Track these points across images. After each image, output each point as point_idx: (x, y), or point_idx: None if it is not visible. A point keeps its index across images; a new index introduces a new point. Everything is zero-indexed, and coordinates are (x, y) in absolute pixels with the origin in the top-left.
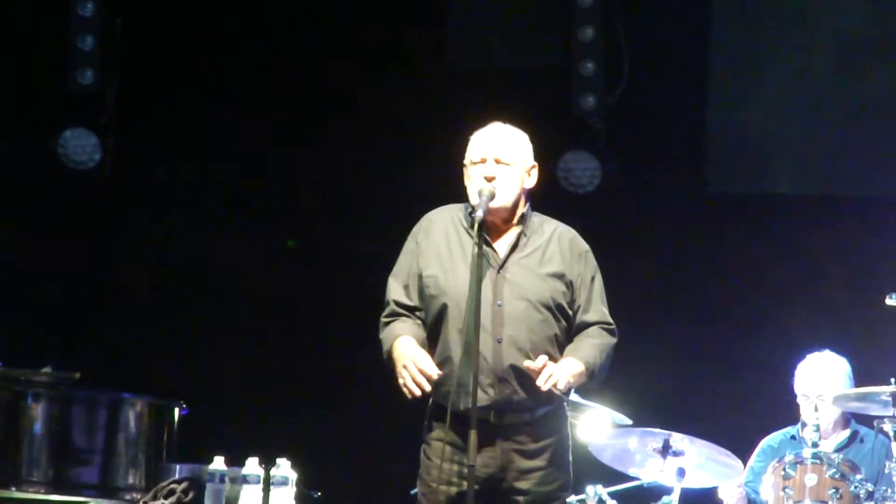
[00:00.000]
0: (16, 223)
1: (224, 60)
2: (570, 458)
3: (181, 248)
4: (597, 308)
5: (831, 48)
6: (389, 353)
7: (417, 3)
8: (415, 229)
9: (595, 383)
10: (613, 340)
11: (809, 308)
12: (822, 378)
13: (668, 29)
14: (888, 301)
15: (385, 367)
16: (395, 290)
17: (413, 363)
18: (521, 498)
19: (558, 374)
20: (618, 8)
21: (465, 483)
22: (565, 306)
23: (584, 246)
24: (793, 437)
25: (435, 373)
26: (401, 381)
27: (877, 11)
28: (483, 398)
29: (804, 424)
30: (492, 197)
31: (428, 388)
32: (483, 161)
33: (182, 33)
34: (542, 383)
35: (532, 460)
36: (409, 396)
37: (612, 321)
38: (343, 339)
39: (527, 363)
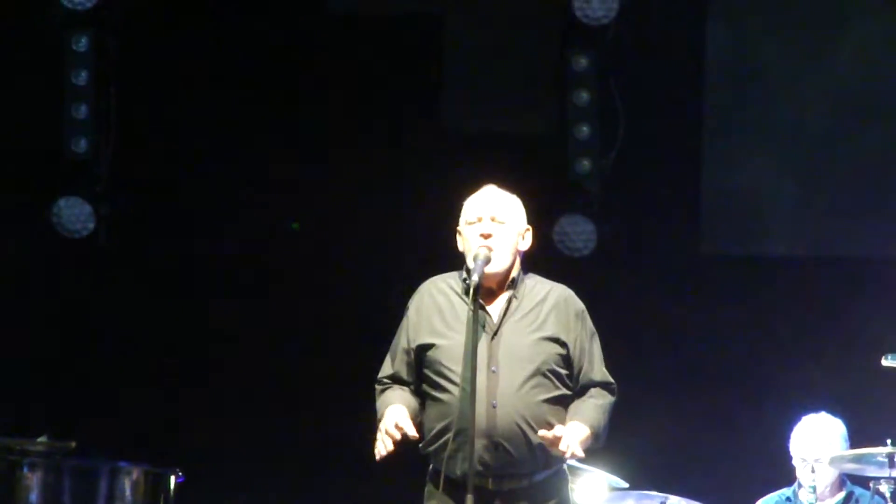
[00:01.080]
0: (10, 292)
1: (217, 129)
2: None
3: (176, 316)
4: (599, 368)
5: (825, 109)
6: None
7: (412, 65)
8: (409, 302)
9: (598, 445)
10: (614, 400)
11: (806, 369)
12: (818, 441)
13: (662, 92)
14: (884, 362)
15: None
16: (387, 365)
17: (385, 422)
18: None
19: (573, 443)
20: (612, 72)
21: None
22: (561, 370)
23: (580, 305)
24: (788, 500)
25: (410, 430)
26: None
27: (870, 72)
28: (479, 464)
29: (800, 486)
30: (487, 261)
31: (392, 445)
32: (479, 220)
33: (176, 101)
34: (567, 453)
35: None
36: (378, 456)
37: (613, 381)
38: (338, 409)
39: (542, 433)
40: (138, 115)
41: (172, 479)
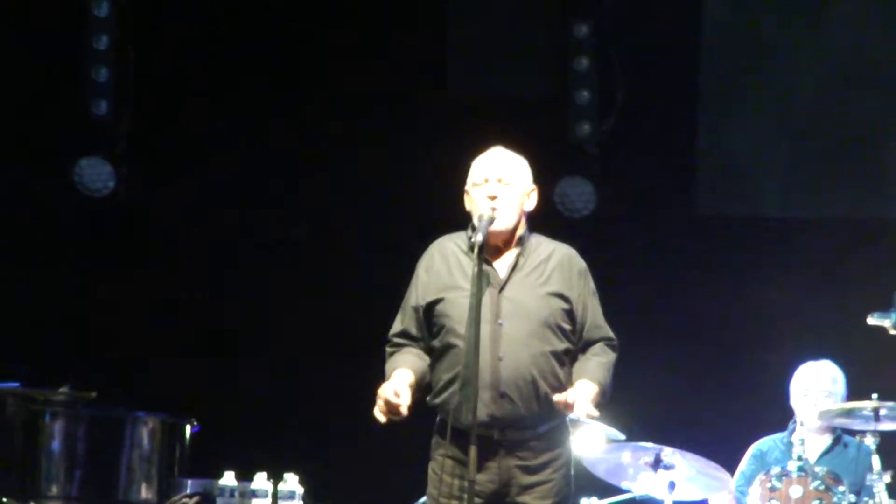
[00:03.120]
0: (34, 248)
1: (231, 91)
2: (573, 473)
3: (191, 270)
4: (601, 324)
5: (815, 75)
6: None
7: (418, 31)
8: (420, 261)
9: (605, 401)
10: (616, 356)
11: (796, 326)
12: (823, 376)
13: (660, 58)
14: (870, 321)
15: None
16: (398, 322)
17: (384, 389)
18: None
19: (586, 405)
20: (612, 39)
21: (467, 494)
22: (565, 325)
23: (582, 264)
24: (783, 440)
25: (404, 398)
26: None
27: (858, 40)
28: (485, 415)
29: (794, 428)
30: (491, 221)
31: (398, 415)
32: (486, 181)
33: (193, 64)
34: (581, 416)
35: (534, 475)
36: (384, 419)
37: (614, 336)
38: (348, 354)
39: (556, 397)
40: (156, 78)
41: (188, 428)
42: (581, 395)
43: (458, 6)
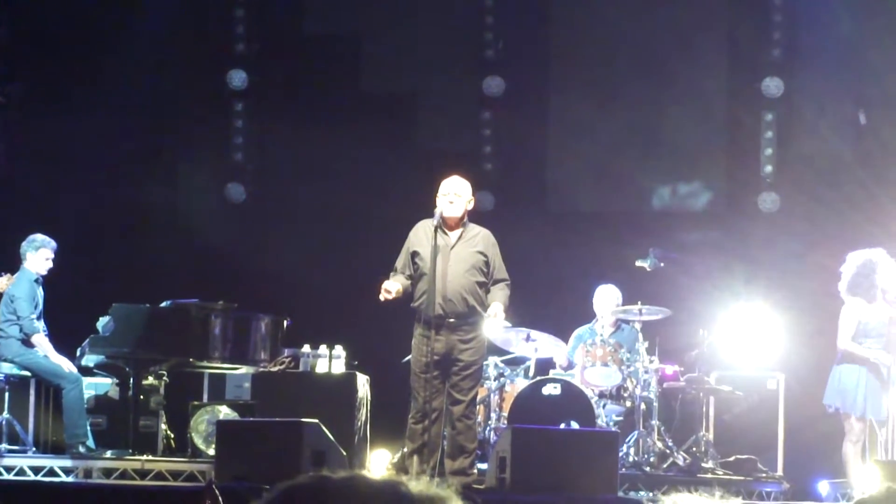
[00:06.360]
0: (189, 237)
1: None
2: (485, 343)
3: (304, 242)
4: (503, 270)
5: (620, 110)
6: None
7: (403, 127)
8: (411, 231)
9: (506, 310)
10: (510, 289)
11: (603, 266)
12: (607, 299)
13: (527, 132)
14: (637, 263)
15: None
16: (398, 261)
17: (384, 284)
18: (460, 363)
19: (501, 317)
20: (501, 123)
21: (430, 354)
22: (484, 269)
23: (493, 238)
24: (591, 330)
25: (393, 289)
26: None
27: (662, 92)
28: (441, 311)
29: (597, 321)
30: (443, 215)
31: (389, 297)
32: (447, 194)
33: (294, 147)
34: (497, 321)
35: (466, 344)
36: (382, 300)
37: (509, 277)
38: (380, 273)
39: (486, 314)
40: (271, 156)
41: (285, 322)
42: (496, 311)
43: (426, 117)
